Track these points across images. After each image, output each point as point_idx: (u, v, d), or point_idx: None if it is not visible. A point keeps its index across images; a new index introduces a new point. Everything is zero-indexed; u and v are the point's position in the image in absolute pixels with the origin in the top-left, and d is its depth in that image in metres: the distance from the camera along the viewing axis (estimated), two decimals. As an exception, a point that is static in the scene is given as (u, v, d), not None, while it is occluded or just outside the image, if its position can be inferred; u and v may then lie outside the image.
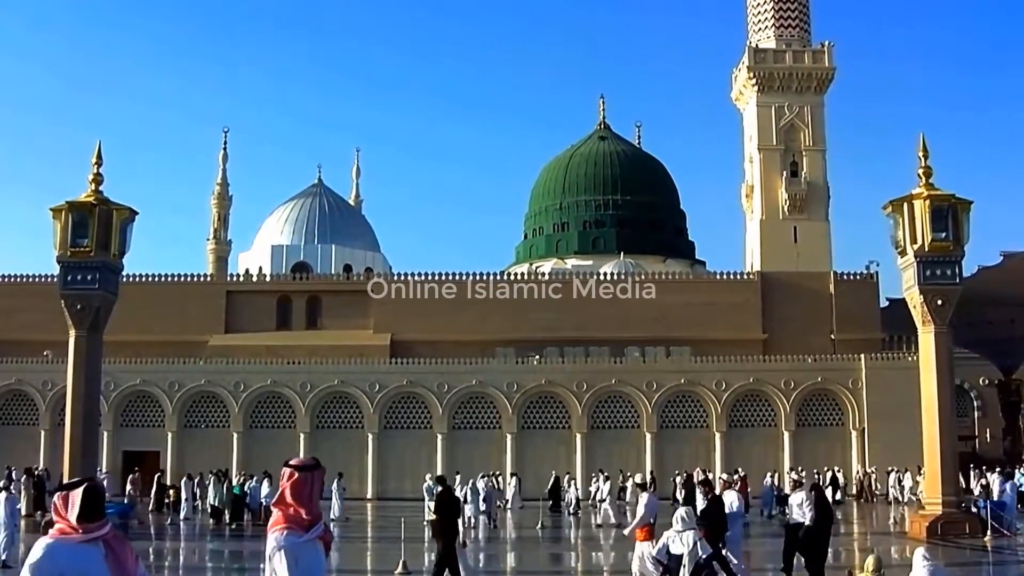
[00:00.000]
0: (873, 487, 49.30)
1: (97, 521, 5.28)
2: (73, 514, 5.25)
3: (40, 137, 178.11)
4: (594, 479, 45.64)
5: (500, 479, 46.10)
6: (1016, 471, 41.36)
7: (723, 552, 16.92)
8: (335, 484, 37.26)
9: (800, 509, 18.19)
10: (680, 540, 16.88)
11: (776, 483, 42.61)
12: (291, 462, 5.95)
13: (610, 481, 41.04)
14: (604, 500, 38.12)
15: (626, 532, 16.97)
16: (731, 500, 18.45)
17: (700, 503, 19.50)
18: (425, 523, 34.37)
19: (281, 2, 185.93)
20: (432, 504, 19.12)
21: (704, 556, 15.99)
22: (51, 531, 5.31)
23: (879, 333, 59.90)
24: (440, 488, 18.41)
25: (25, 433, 52.27)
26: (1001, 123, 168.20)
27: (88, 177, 28.34)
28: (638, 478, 17.35)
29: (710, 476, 39.68)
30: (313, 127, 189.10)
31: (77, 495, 5.31)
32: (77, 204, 27.74)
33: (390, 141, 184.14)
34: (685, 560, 16.51)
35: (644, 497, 17.44)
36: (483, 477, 37.44)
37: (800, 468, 43.13)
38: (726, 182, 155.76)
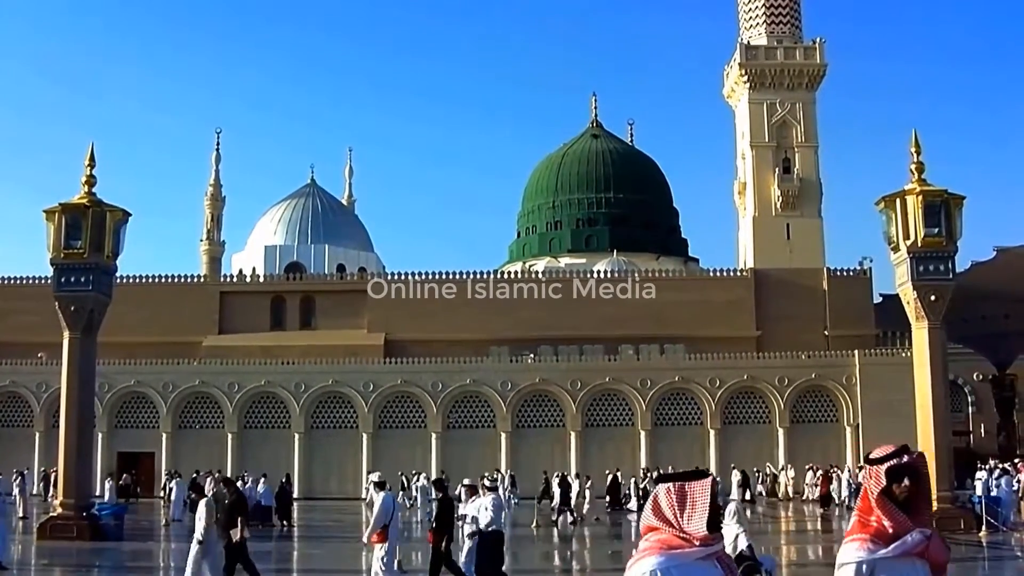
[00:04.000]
0: (787, 486, 49.13)
1: (715, 531, 3.95)
2: (699, 521, 3.89)
3: (33, 138, 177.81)
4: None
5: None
6: (986, 467, 41.29)
7: (448, 551, 16.32)
8: None
9: (486, 512, 16.14)
10: (722, 532, 16.86)
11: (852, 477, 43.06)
12: (877, 457, 4.34)
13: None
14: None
15: (364, 539, 15.90)
16: (484, 505, 16.49)
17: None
18: (432, 524, 34.41)
19: (274, 2, 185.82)
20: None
21: (746, 547, 16.00)
22: (646, 541, 3.97)
23: (873, 329, 59.99)
24: (231, 488, 17.31)
25: (20, 435, 52.24)
26: (993, 118, 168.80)
27: (81, 179, 28.31)
28: (375, 476, 15.68)
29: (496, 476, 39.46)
30: (305, 127, 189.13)
31: (702, 493, 3.94)
32: (70, 206, 27.72)
33: (383, 141, 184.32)
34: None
35: (379, 498, 16.08)
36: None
37: (489, 473, 40.73)
38: (719, 179, 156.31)
